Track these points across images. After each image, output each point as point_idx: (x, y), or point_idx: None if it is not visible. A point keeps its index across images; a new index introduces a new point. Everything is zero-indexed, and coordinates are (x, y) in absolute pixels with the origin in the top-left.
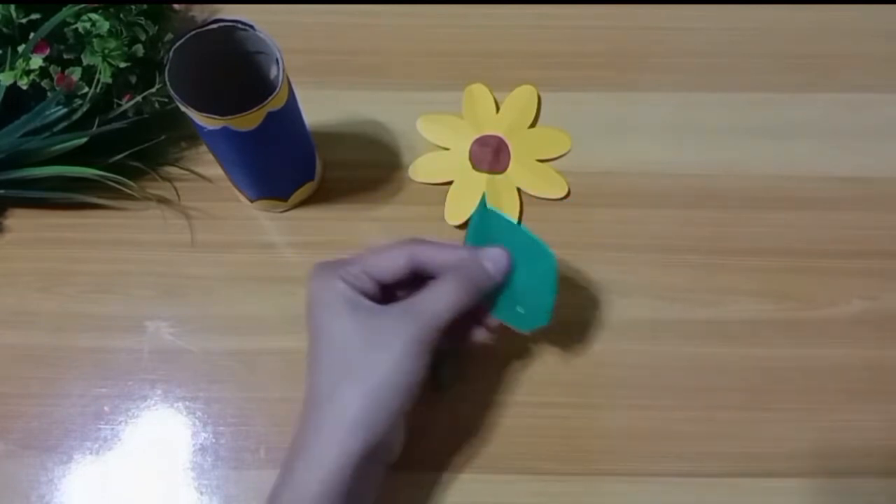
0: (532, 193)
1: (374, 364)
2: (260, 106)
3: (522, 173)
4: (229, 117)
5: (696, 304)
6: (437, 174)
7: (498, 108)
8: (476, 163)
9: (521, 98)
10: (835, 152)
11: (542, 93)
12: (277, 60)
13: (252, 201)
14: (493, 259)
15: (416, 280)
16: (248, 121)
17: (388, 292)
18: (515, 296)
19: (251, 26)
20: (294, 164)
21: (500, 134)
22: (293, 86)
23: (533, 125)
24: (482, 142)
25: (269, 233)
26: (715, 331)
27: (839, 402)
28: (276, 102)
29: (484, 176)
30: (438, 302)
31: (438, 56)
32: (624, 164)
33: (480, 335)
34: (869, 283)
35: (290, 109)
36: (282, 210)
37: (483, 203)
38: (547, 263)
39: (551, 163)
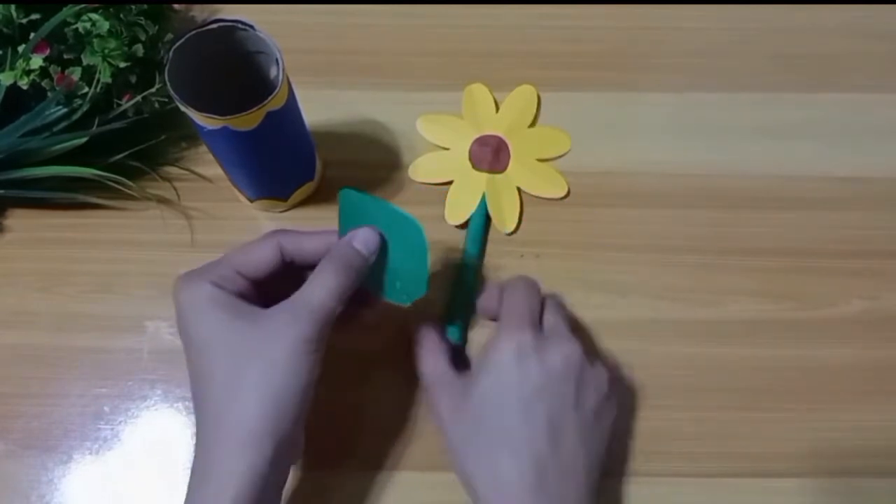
0: (532, 193)
1: (263, 372)
2: (260, 106)
3: (522, 173)
4: (229, 117)
5: (696, 304)
6: (436, 174)
7: (497, 108)
8: (476, 162)
9: (521, 98)
10: (835, 152)
11: (542, 93)
12: (277, 60)
13: (252, 201)
14: (362, 239)
15: (293, 276)
16: (248, 121)
17: (265, 291)
18: (393, 271)
19: (251, 26)
20: (294, 164)
21: (499, 133)
22: (293, 86)
23: (533, 125)
24: (482, 141)
25: None
26: (715, 331)
27: (839, 402)
28: (275, 102)
29: (484, 176)
30: (317, 293)
31: (438, 56)
32: (624, 164)
33: (366, 316)
34: (869, 283)
35: (290, 109)
36: (281, 210)
37: (346, 189)
38: (416, 234)
39: (551, 162)
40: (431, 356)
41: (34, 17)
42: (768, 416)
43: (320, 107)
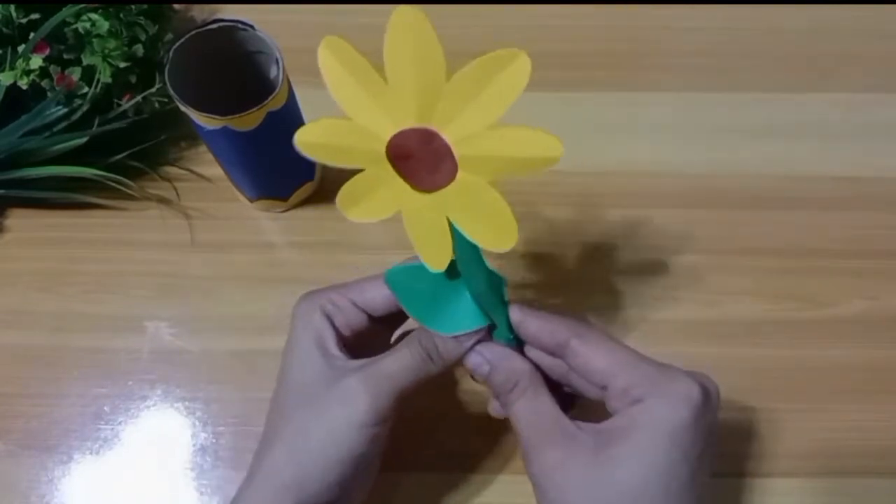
0: (505, 173)
1: (310, 429)
2: (260, 106)
3: (484, 161)
4: (229, 117)
5: (696, 304)
6: (374, 207)
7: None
8: (411, 180)
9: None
10: (834, 152)
11: (541, 92)
12: (277, 60)
13: (252, 201)
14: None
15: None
16: (248, 121)
17: (383, 328)
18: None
19: (251, 26)
20: (294, 164)
21: (424, 125)
22: (293, 86)
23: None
24: (399, 147)
25: (268, 233)
26: (715, 331)
27: (839, 402)
28: (275, 102)
29: (432, 197)
30: (392, 368)
31: None
32: (624, 164)
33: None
34: (869, 283)
35: (290, 109)
36: (281, 210)
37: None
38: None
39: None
40: (529, 394)
41: (34, 17)
42: (768, 416)
43: (320, 107)
